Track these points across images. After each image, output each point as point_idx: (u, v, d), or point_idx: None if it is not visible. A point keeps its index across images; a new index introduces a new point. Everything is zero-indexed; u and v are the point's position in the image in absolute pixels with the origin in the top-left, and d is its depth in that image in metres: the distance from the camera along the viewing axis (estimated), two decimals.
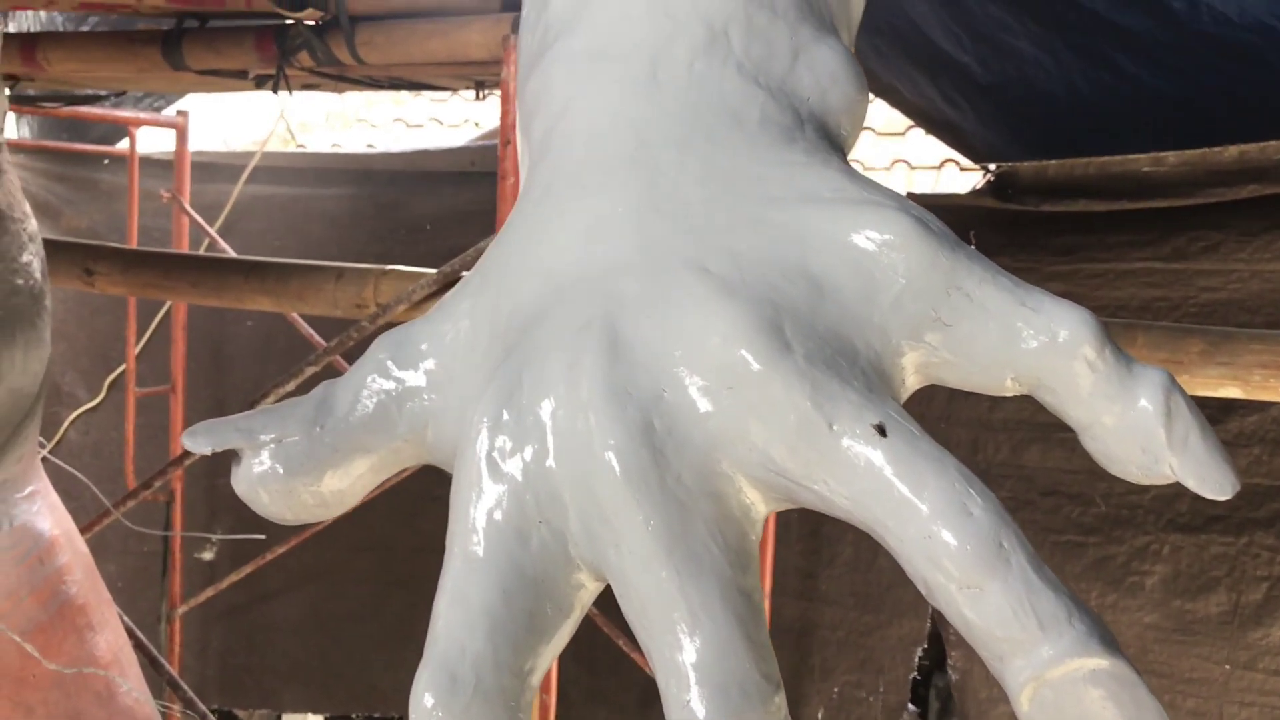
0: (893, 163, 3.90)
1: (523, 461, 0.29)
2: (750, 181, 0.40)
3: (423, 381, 0.36)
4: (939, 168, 3.82)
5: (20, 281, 1.27)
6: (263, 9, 1.61)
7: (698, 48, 0.54)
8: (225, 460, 0.33)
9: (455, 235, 3.18)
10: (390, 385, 0.36)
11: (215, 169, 3.33)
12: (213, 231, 2.91)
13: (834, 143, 0.51)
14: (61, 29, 3.51)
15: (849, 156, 0.46)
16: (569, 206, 0.43)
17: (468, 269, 1.59)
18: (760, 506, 0.30)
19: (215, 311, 3.03)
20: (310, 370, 1.69)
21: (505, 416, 0.30)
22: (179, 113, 3.09)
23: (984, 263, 0.32)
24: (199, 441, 0.36)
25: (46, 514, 1.36)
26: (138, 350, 3.19)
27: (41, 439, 1.22)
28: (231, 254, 2.84)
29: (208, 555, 3.37)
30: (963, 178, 3.68)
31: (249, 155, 3.34)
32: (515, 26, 1.48)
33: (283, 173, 3.31)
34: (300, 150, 4.08)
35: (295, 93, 1.92)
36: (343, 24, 1.58)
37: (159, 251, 1.83)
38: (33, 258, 1.31)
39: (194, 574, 3.31)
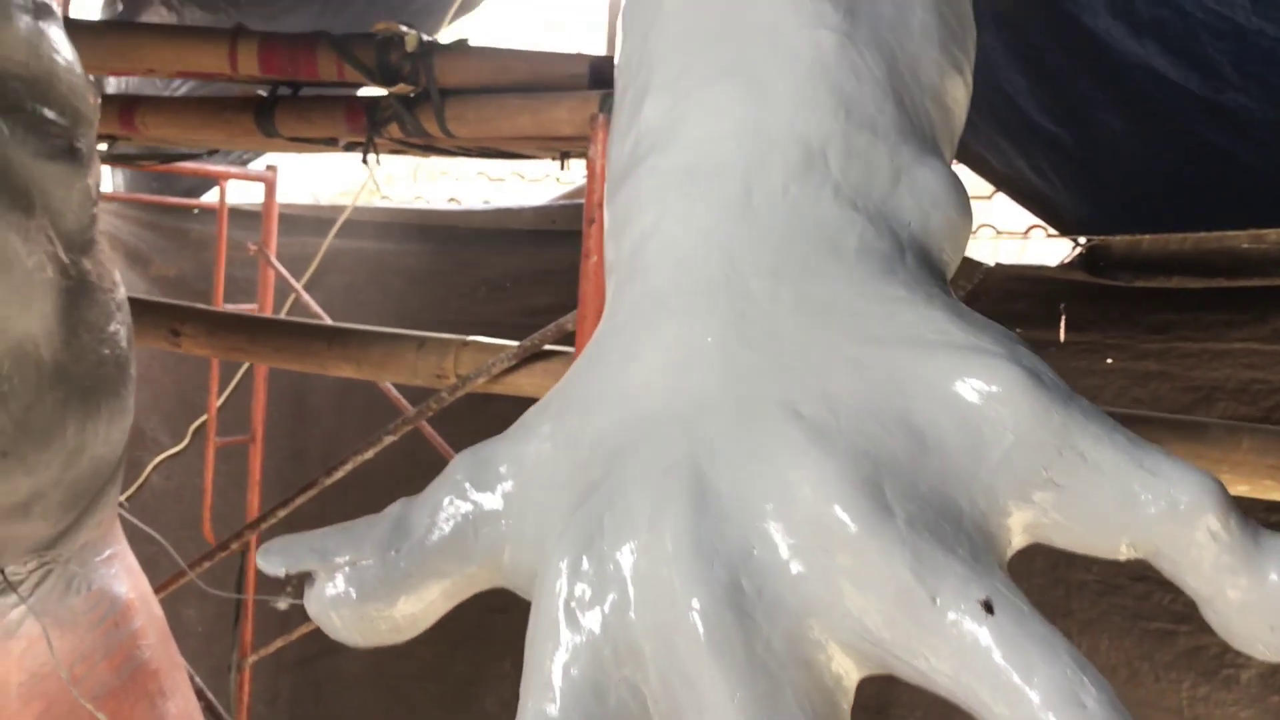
0: (978, 227, 3.84)
1: (602, 613, 0.28)
2: (848, 317, 0.38)
3: (500, 505, 0.35)
4: (1025, 235, 3.76)
5: (107, 351, 1.29)
6: (354, 79, 1.64)
7: (793, 170, 0.51)
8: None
9: (536, 293, 3.20)
10: (467, 508, 0.35)
11: (302, 222, 3.40)
12: (298, 285, 2.95)
13: (936, 270, 0.48)
14: (159, 92, 3.62)
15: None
16: (655, 332, 0.41)
17: (547, 342, 1.59)
18: (853, 674, 0.28)
19: None
20: (389, 439, 1.69)
21: (585, 564, 0.28)
22: (268, 167, 3.16)
23: (1099, 419, 0.30)
24: (273, 562, 0.34)
25: (124, 577, 1.37)
26: (220, 400, 3.25)
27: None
28: (315, 308, 2.88)
29: (282, 605, 3.39)
30: (1050, 244, 3.61)
31: (336, 209, 3.40)
32: (603, 105, 1.48)
33: (367, 227, 3.36)
34: (385, 204, 4.15)
35: (382, 155, 1.95)
36: (433, 98, 1.59)
37: (244, 315, 1.85)
38: (120, 326, 1.33)
39: (268, 622, 3.34)
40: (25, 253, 1.11)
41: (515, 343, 1.65)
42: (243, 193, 3.56)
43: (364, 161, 1.72)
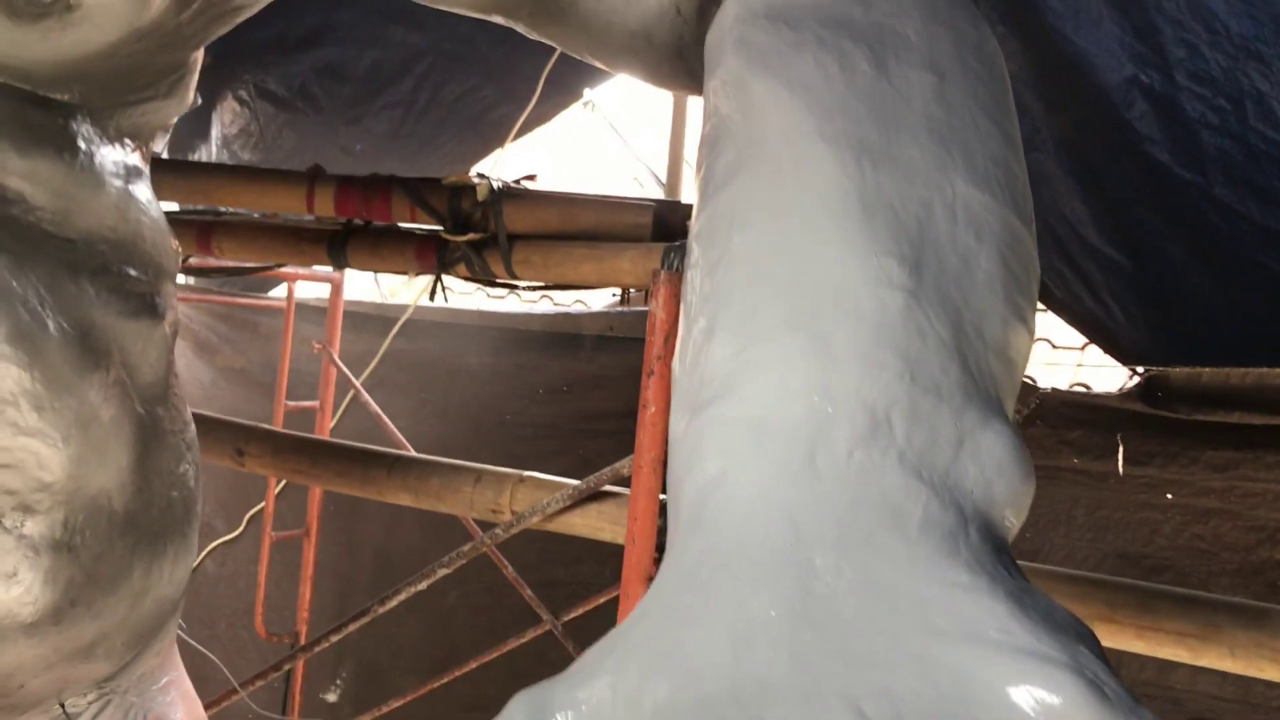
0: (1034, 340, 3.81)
1: None
2: (911, 604, 0.39)
3: None
4: (1082, 349, 3.72)
5: (176, 494, 1.33)
6: (425, 223, 1.69)
7: (858, 435, 0.53)
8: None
9: (593, 398, 3.24)
10: None
11: (367, 319, 3.48)
12: (358, 384, 3.02)
13: (999, 542, 0.49)
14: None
15: None
16: (720, 598, 0.42)
17: (602, 484, 1.61)
18: None
19: None
20: (442, 571, 1.72)
21: None
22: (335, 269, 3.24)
23: None
24: None
25: (180, 703, 1.40)
26: (278, 490, 3.30)
27: None
28: (374, 407, 2.94)
29: (331, 697, 3.41)
30: (1108, 362, 3.57)
31: (400, 308, 3.48)
32: (666, 260, 1.51)
33: (429, 327, 3.43)
34: (447, 306, 4.23)
35: None
36: (501, 243, 1.64)
37: (307, 438, 1.90)
38: (189, 466, 1.37)
39: (317, 712, 3.36)
40: (104, 411, 1.16)
41: (571, 481, 1.67)
42: (310, 288, 3.65)
43: (430, 299, 1.77)
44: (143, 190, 1.25)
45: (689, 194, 4.39)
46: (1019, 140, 0.85)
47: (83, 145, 1.15)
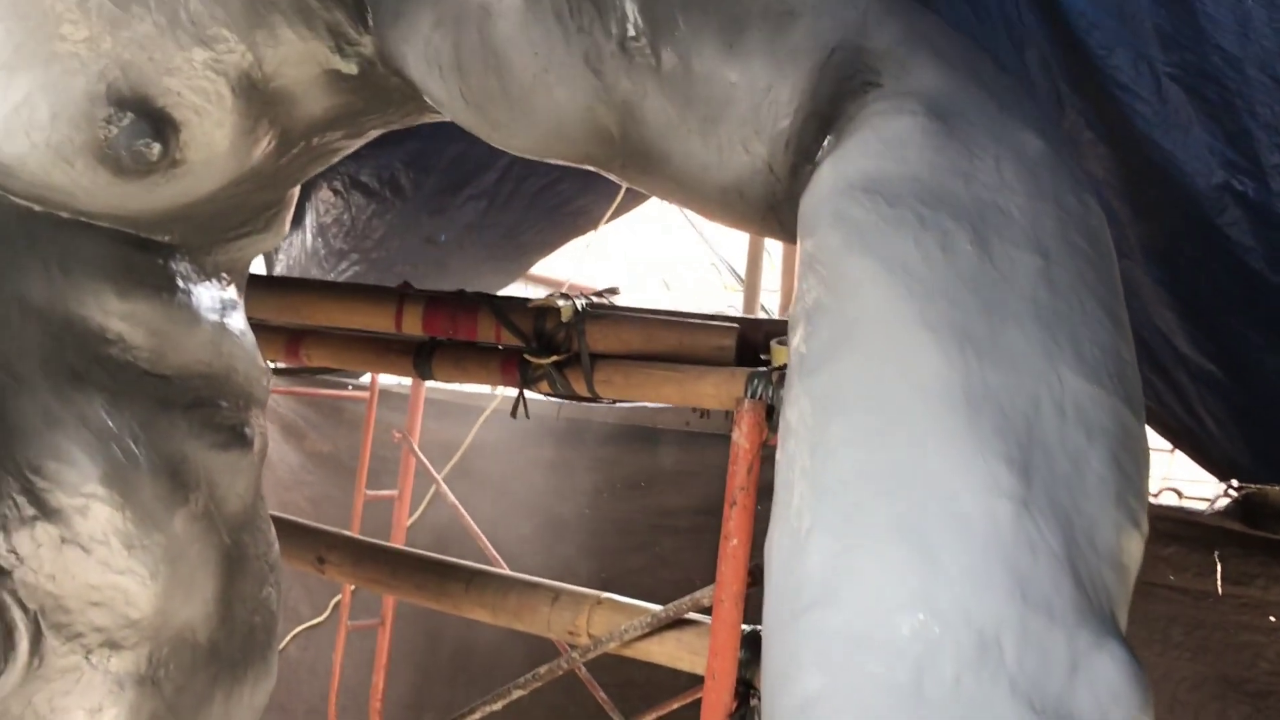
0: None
1: None
2: None
3: None
4: (1172, 453, 3.61)
5: (258, 619, 1.34)
6: (510, 343, 1.70)
7: (966, 659, 0.50)
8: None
9: (670, 493, 3.21)
10: None
11: (450, 408, 3.50)
12: (438, 477, 3.03)
13: None
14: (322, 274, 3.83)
15: None
16: None
17: (683, 613, 1.58)
18: None
19: (435, 549, 3.13)
20: (517, 693, 1.70)
21: None
22: None
23: None
24: None
25: None
26: None
27: None
28: (452, 499, 2.94)
29: None
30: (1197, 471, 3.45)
31: (484, 397, 3.50)
32: (749, 387, 1.50)
33: (509, 419, 3.44)
34: (530, 397, 4.26)
35: None
36: (584, 363, 1.64)
37: (387, 547, 1.91)
38: (271, 589, 1.37)
39: None
40: (191, 545, 1.17)
41: (650, 606, 1.65)
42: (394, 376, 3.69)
43: (513, 415, 1.78)
44: (236, 321, 1.27)
45: (768, 290, 4.38)
46: (1127, 321, 0.82)
47: (180, 284, 1.17)
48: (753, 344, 1.70)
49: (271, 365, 2.27)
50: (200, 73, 0.97)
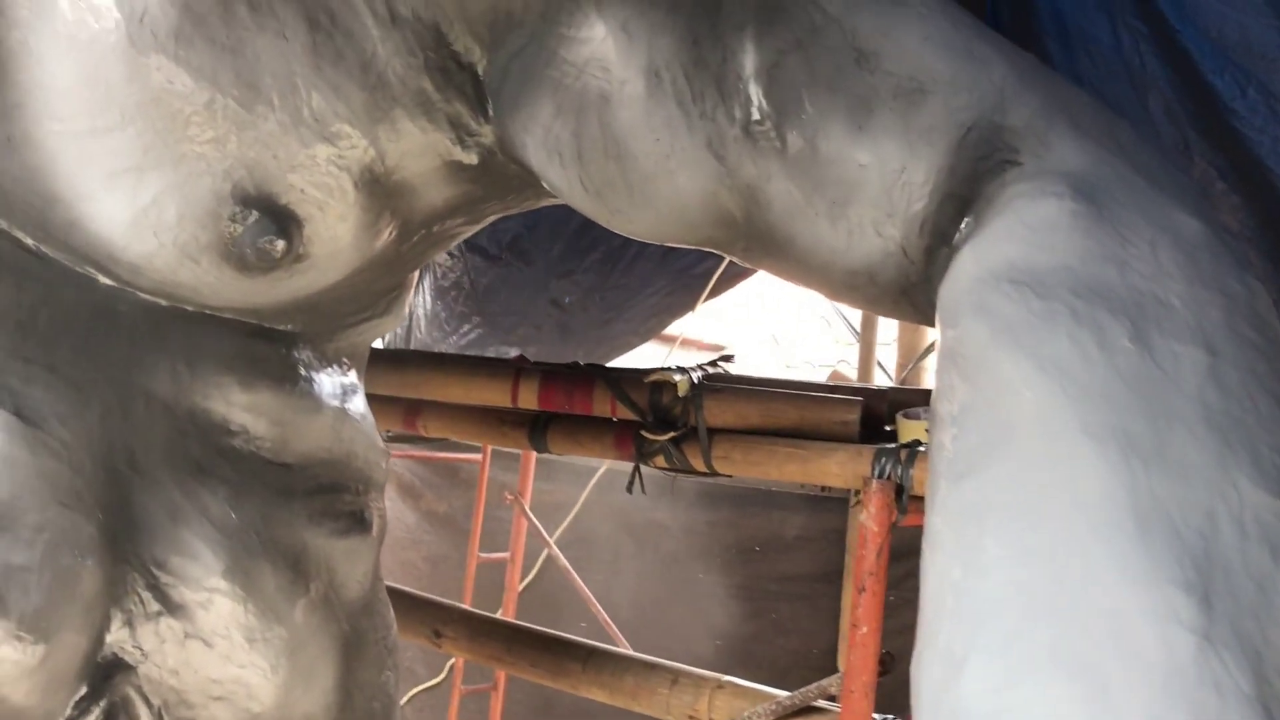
0: None
1: None
2: None
3: None
4: None
5: (376, 705, 1.32)
6: (626, 418, 1.67)
7: None
8: None
9: (790, 558, 3.14)
10: None
11: (561, 470, 3.49)
12: (550, 541, 3.01)
13: None
14: (442, 339, 3.87)
15: None
16: None
17: (809, 700, 1.52)
18: None
19: (548, 613, 3.11)
20: None
21: None
22: None
23: None
24: None
25: None
26: None
27: None
28: (563, 562, 2.92)
29: None
30: None
31: (596, 459, 3.48)
32: (876, 466, 1.44)
33: (622, 478, 3.41)
34: None
35: None
36: (701, 438, 1.60)
37: (504, 622, 1.89)
38: (389, 673, 1.35)
39: None
40: (311, 636, 1.16)
41: (775, 691, 1.59)
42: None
43: (629, 490, 1.75)
44: (356, 405, 1.27)
45: (885, 345, 4.28)
46: None
47: (303, 372, 1.17)
48: (877, 416, 1.65)
49: (388, 432, 2.29)
50: (323, 169, 0.97)
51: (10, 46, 0.90)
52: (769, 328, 7.13)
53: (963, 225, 0.94)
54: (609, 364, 2.60)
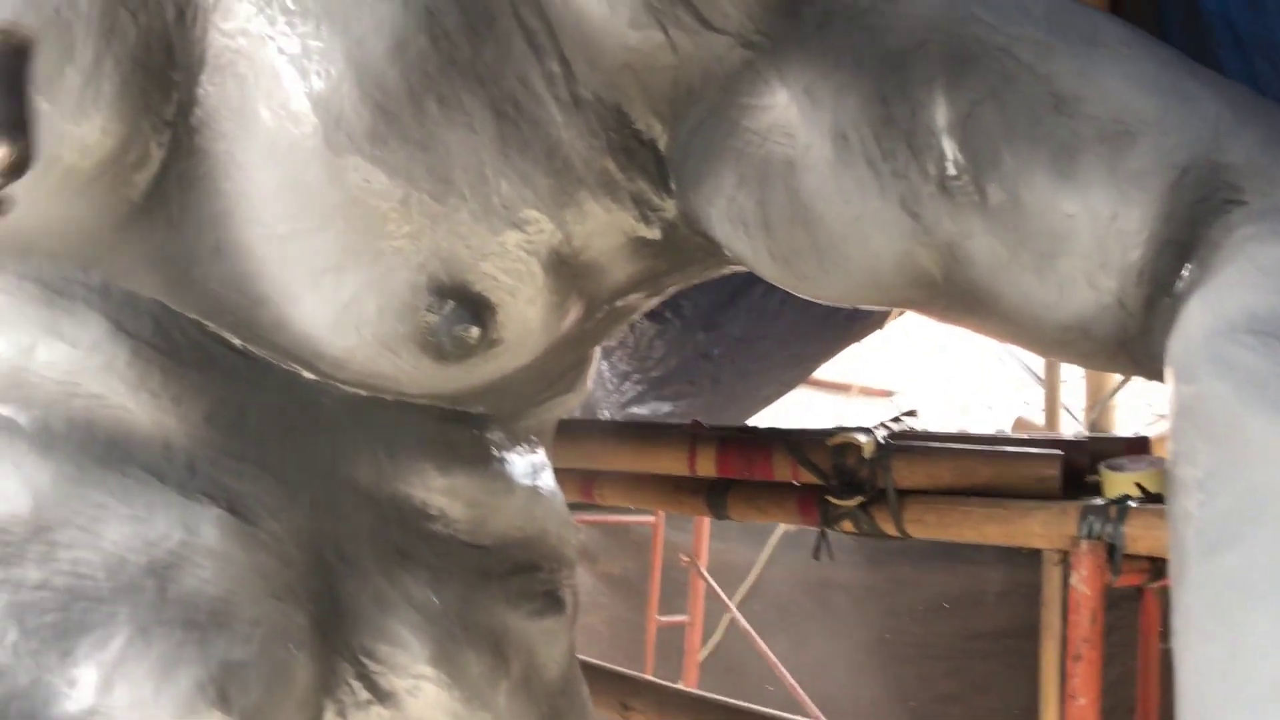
0: None
1: None
2: None
3: None
4: None
5: None
6: (809, 481, 1.63)
7: None
8: None
9: (977, 616, 3.01)
10: None
11: (737, 529, 3.44)
12: (731, 604, 2.97)
13: None
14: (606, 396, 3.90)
15: None
16: None
17: None
18: None
19: (731, 677, 3.06)
20: None
21: None
22: None
23: None
24: None
25: None
26: None
27: None
28: (744, 624, 2.87)
29: None
30: None
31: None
32: (1084, 526, 1.36)
33: (801, 536, 3.35)
34: None
35: None
36: (890, 501, 1.55)
37: (692, 694, 1.86)
38: None
39: None
40: (515, 719, 1.16)
41: None
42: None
43: (815, 557, 1.70)
44: (546, 482, 1.27)
45: (1070, 388, 4.10)
46: None
47: (495, 453, 1.18)
48: (1078, 469, 1.56)
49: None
50: (513, 255, 0.98)
51: (217, 157, 0.94)
52: (941, 369, 6.93)
53: (1185, 273, 0.87)
54: (786, 425, 2.56)
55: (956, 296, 1.01)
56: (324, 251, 0.93)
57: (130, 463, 0.94)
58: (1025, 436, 2.14)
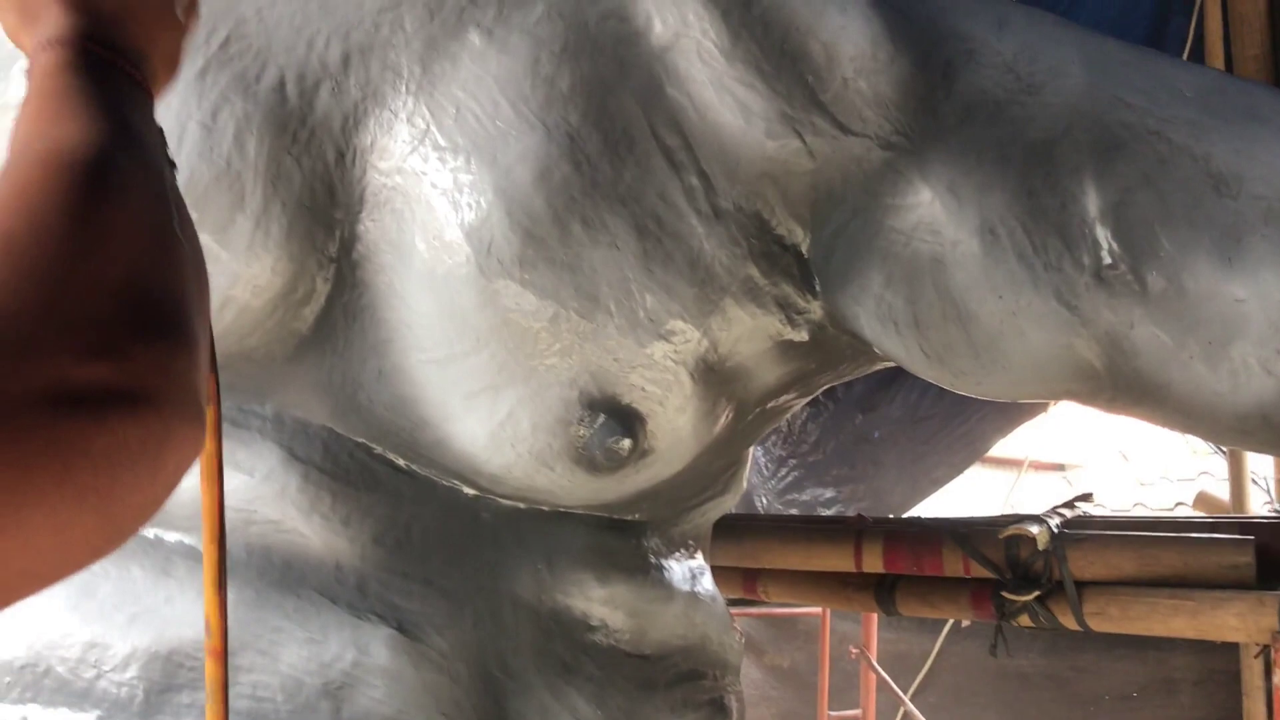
0: None
1: None
2: None
3: None
4: None
5: None
6: (980, 575, 1.57)
7: None
8: None
9: (1169, 708, 2.82)
10: None
11: (908, 620, 3.33)
12: (904, 696, 2.86)
13: None
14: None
15: None
16: None
17: None
18: None
19: None
20: None
21: None
22: None
23: None
24: None
25: None
26: None
27: None
28: (919, 717, 2.75)
29: None
30: None
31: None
32: None
33: (978, 628, 3.22)
34: None
35: None
36: (1069, 594, 1.47)
37: None
38: None
39: None
40: None
41: None
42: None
43: (993, 653, 1.63)
44: (705, 587, 1.26)
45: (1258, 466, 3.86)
46: None
47: (653, 560, 1.18)
48: (1273, 554, 1.45)
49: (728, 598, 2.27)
50: (661, 365, 0.99)
51: (378, 288, 0.98)
52: (1115, 439, 6.59)
53: None
54: (952, 503, 2.47)
55: (1123, 389, 0.97)
56: (480, 372, 0.96)
57: (305, 585, 0.98)
58: (1211, 517, 2.01)
